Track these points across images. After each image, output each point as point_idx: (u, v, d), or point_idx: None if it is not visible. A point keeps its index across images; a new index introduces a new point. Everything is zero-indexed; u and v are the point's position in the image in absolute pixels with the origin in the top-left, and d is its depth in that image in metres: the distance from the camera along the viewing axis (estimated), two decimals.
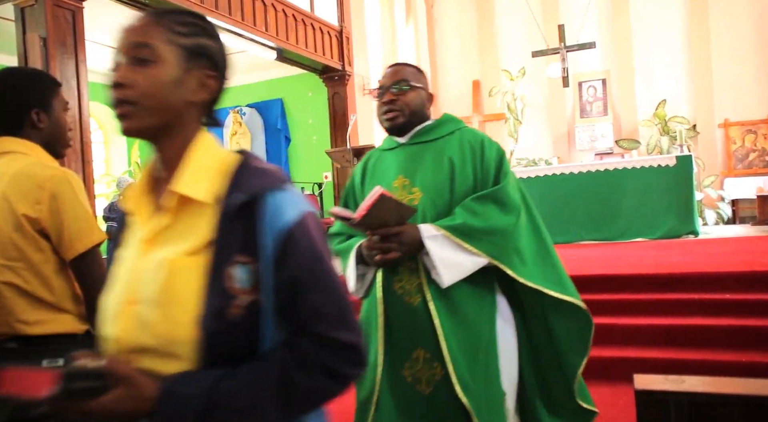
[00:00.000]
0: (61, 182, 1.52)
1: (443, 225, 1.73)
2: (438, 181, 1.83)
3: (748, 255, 5.19)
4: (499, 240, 1.75)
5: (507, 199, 1.80)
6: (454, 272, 1.71)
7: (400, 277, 1.80)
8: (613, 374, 3.67)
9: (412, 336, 1.77)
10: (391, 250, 1.70)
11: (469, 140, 1.89)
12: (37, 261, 1.50)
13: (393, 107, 1.90)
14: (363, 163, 2.04)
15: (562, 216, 8.17)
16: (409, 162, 1.89)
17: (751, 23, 10.60)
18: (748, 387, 1.18)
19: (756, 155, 10.59)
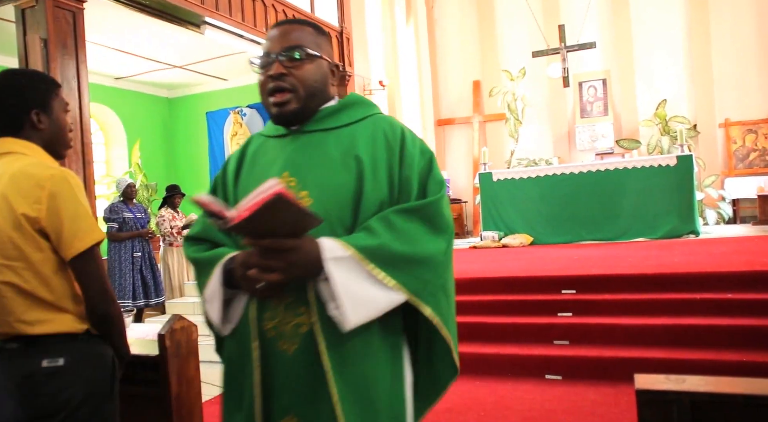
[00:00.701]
0: (61, 182, 1.52)
1: (356, 244, 1.23)
2: (337, 184, 1.31)
3: (750, 255, 5.19)
4: (426, 273, 1.29)
5: (440, 218, 1.34)
6: (363, 310, 1.22)
7: (272, 313, 1.28)
8: (615, 374, 3.67)
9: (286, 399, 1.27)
10: (273, 270, 1.20)
11: (385, 132, 1.38)
12: (37, 261, 1.50)
13: (282, 85, 1.34)
14: (242, 148, 1.53)
15: (562, 216, 8.18)
16: (299, 155, 1.36)
17: (751, 23, 10.60)
18: (750, 386, 1.18)
19: (757, 155, 10.58)
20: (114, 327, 1.62)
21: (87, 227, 1.54)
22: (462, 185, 12.55)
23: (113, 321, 1.61)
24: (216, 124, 10.44)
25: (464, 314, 4.66)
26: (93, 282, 1.55)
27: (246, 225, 1.17)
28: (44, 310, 1.51)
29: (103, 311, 1.57)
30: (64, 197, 1.51)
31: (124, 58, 8.57)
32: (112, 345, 1.63)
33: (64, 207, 1.50)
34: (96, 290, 1.56)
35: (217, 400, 3.93)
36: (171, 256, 6.69)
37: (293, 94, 1.35)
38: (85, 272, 1.55)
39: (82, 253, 1.52)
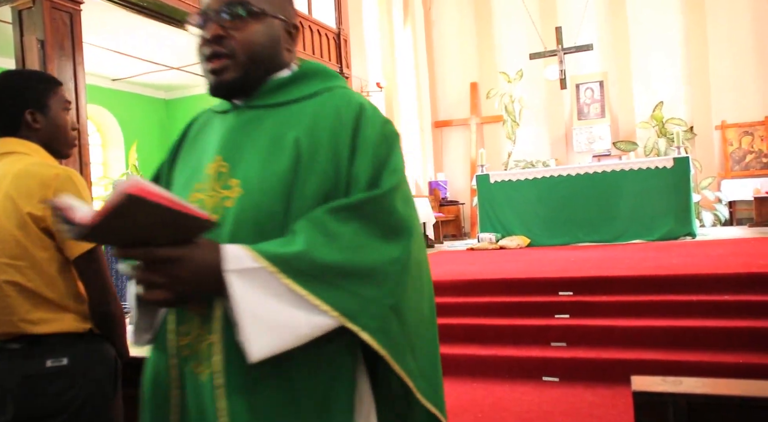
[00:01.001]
0: (66, 181, 1.53)
1: (270, 252, 0.96)
2: (269, 174, 1.05)
3: (746, 257, 5.20)
4: (367, 289, 0.99)
5: (390, 217, 1.04)
6: (272, 337, 0.93)
7: (187, 327, 1.04)
8: (612, 375, 3.68)
9: None
10: (156, 286, 0.93)
11: (338, 109, 1.10)
12: (41, 259, 1.51)
13: (218, 50, 1.11)
14: (186, 126, 1.32)
15: (560, 218, 8.19)
16: (236, 136, 1.12)
17: (748, 26, 10.63)
18: (746, 388, 1.19)
19: (753, 157, 10.61)
20: (116, 325, 1.63)
21: None
22: (459, 186, 12.56)
23: (115, 320, 1.62)
24: None
25: (461, 316, 4.66)
26: (96, 281, 1.56)
27: (100, 234, 0.92)
28: (48, 309, 1.52)
29: (105, 310, 1.58)
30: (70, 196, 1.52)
31: (122, 59, 8.56)
32: (114, 344, 1.64)
33: None
34: (99, 289, 1.57)
35: None
36: None
37: (232, 61, 1.10)
38: (88, 271, 1.56)
39: (86, 252, 1.53)
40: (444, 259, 7.25)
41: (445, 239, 11.09)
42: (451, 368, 4.13)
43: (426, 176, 12.22)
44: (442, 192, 11.93)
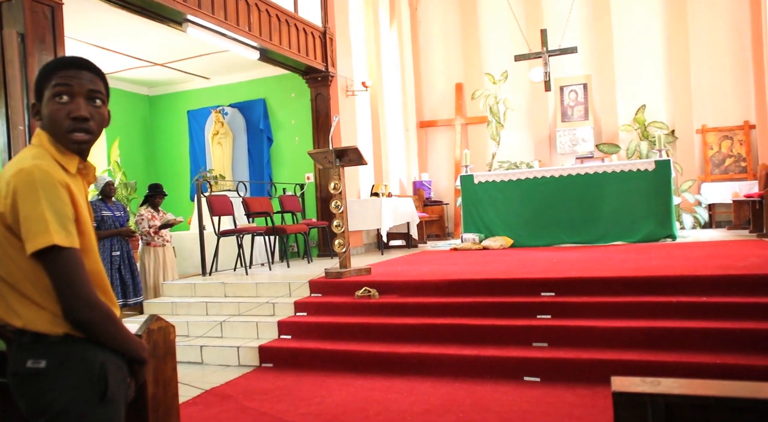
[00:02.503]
0: (25, 177, 1.45)
1: None
2: None
3: (724, 259, 5.27)
4: None
5: None
6: None
7: None
8: (593, 376, 3.71)
9: None
10: None
11: None
12: (14, 257, 1.48)
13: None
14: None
15: (543, 219, 8.25)
16: None
17: (728, 32, 10.79)
18: (723, 389, 1.20)
19: (732, 161, 10.76)
20: (97, 332, 1.51)
21: (41, 228, 1.42)
22: (443, 186, 12.60)
23: (93, 326, 1.49)
24: (197, 122, 10.37)
25: (443, 316, 4.68)
26: (61, 285, 1.45)
27: None
28: (27, 305, 1.47)
29: (77, 318, 1.47)
30: (23, 194, 1.44)
31: (104, 54, 8.47)
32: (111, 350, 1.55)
33: (21, 205, 1.44)
34: (67, 294, 1.45)
35: (195, 401, 3.90)
36: (148, 256, 6.62)
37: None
38: (51, 273, 1.45)
39: (39, 254, 1.43)
40: (427, 259, 7.26)
41: (428, 239, 11.12)
42: (433, 367, 4.15)
43: (410, 176, 12.24)
44: (426, 192, 11.95)
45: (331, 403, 3.66)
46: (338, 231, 5.84)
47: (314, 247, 9.10)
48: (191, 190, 10.18)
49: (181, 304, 5.84)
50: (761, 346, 3.64)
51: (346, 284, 5.39)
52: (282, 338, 4.96)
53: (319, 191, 9.04)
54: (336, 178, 5.80)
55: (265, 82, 9.86)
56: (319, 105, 8.96)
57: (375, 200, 8.63)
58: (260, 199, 7.73)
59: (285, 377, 4.34)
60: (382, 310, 4.93)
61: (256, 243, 7.68)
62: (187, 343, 5.07)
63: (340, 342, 4.67)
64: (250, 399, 3.85)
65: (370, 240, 9.81)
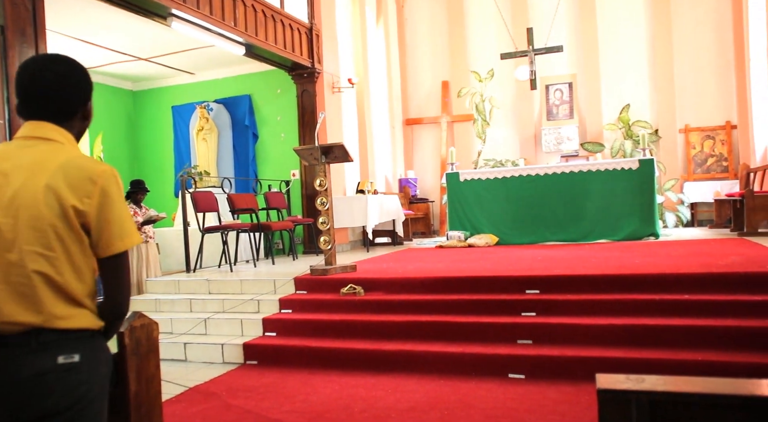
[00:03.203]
0: (111, 179, 1.54)
1: None
2: None
3: (706, 257, 5.33)
4: None
5: None
6: None
7: None
8: (577, 373, 3.73)
9: None
10: None
11: None
12: (74, 253, 1.50)
13: None
14: None
15: (528, 217, 8.29)
16: None
17: (711, 33, 10.90)
18: (707, 386, 1.21)
19: (714, 161, 10.89)
20: (119, 326, 1.69)
21: (131, 229, 1.57)
22: (429, 184, 12.61)
23: (121, 321, 1.67)
24: (182, 118, 10.28)
25: (428, 313, 4.68)
26: (119, 282, 1.59)
27: None
28: (70, 304, 1.50)
29: (120, 312, 1.61)
30: (114, 195, 1.54)
31: (87, 48, 8.36)
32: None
33: (112, 206, 1.53)
34: (120, 290, 1.59)
35: (178, 399, 3.87)
36: (131, 252, 6.56)
37: None
38: (116, 273, 1.57)
39: (118, 253, 1.55)
40: (413, 256, 7.27)
41: (414, 237, 11.13)
42: (418, 365, 4.15)
43: (396, 173, 12.24)
44: (412, 190, 11.95)
45: (315, 400, 3.64)
46: (324, 228, 5.82)
47: (299, 244, 9.07)
48: (175, 186, 10.09)
49: (164, 301, 5.79)
50: (743, 343, 3.68)
51: (332, 281, 5.38)
52: (267, 335, 4.94)
53: (305, 188, 9.01)
54: (322, 175, 5.78)
55: (251, 78, 9.80)
56: (305, 102, 8.92)
57: (361, 198, 8.62)
58: (245, 195, 7.69)
59: (270, 374, 4.32)
60: (368, 307, 4.92)
61: (240, 240, 7.64)
62: (170, 340, 5.03)
63: (326, 339, 4.66)
64: (235, 397, 3.82)
65: (355, 237, 9.80)
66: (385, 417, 3.27)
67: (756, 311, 3.93)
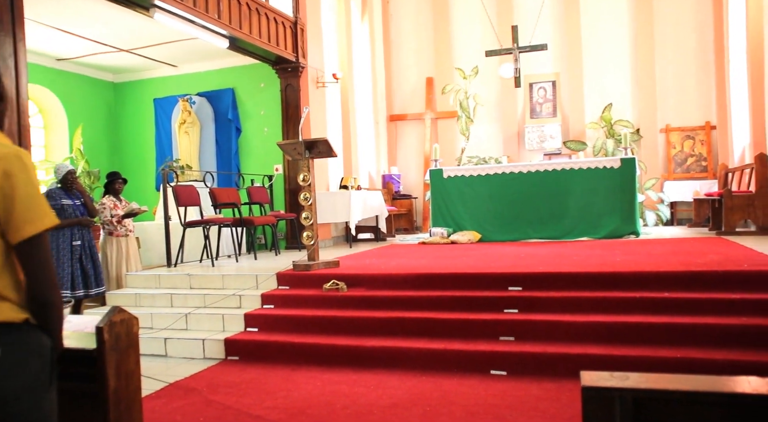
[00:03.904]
0: (15, 160, 1.44)
1: None
2: None
3: (685, 256, 5.40)
4: None
5: None
6: None
7: None
8: (558, 369, 3.76)
9: None
10: None
11: None
12: None
13: None
14: None
15: (510, 214, 8.33)
16: None
17: (692, 35, 11.03)
18: (689, 383, 1.22)
19: (693, 160, 11.03)
20: (54, 316, 1.55)
21: (41, 211, 1.47)
22: (412, 180, 12.62)
23: (54, 309, 1.54)
24: (164, 111, 10.16)
25: (411, 309, 4.68)
26: (39, 269, 1.48)
27: None
28: None
29: (45, 300, 1.51)
30: (19, 178, 1.43)
31: (67, 38, 8.22)
32: (50, 335, 1.55)
33: (18, 188, 1.43)
34: (41, 277, 1.48)
35: (158, 395, 3.83)
36: (110, 246, 6.46)
37: None
38: (33, 258, 1.47)
39: (32, 237, 1.45)
40: (396, 253, 7.27)
41: (397, 233, 11.13)
42: (400, 361, 4.15)
43: (380, 169, 12.22)
44: (395, 186, 11.95)
45: (297, 397, 3.63)
46: (307, 224, 5.80)
47: (282, 239, 9.03)
48: (157, 179, 9.98)
49: (145, 296, 5.73)
50: (721, 340, 3.73)
51: (315, 276, 5.36)
52: (248, 330, 4.91)
53: (288, 183, 8.96)
54: (305, 170, 5.75)
55: (234, 71, 9.71)
56: (289, 96, 8.86)
57: (344, 193, 8.59)
58: (228, 190, 7.63)
59: (251, 370, 4.29)
60: (350, 303, 4.91)
61: (222, 235, 7.58)
62: (150, 335, 4.97)
63: (308, 335, 4.64)
64: (215, 393, 3.79)
65: (338, 233, 9.77)
66: (367, 414, 3.27)
67: (733, 309, 3.99)
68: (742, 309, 3.97)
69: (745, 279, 4.25)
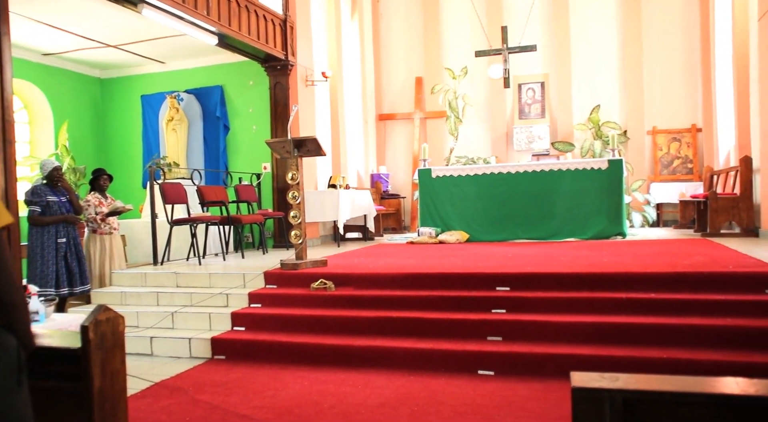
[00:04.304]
0: None
1: None
2: None
3: (672, 257, 5.44)
4: None
5: None
6: None
7: None
8: (546, 370, 3.77)
9: None
10: None
11: None
12: None
13: None
14: None
15: (498, 215, 8.35)
16: None
17: (679, 38, 11.12)
18: (679, 384, 1.22)
19: (679, 162, 11.12)
20: (17, 315, 1.52)
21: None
22: (401, 180, 12.62)
23: (16, 309, 1.51)
24: (151, 108, 10.08)
25: (399, 309, 4.68)
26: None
27: None
28: None
29: (6, 300, 1.47)
30: None
31: (54, 33, 8.13)
32: (16, 335, 1.52)
33: None
34: (1, 278, 1.45)
35: (144, 394, 3.80)
36: (94, 243, 6.39)
37: None
38: None
39: None
40: (384, 252, 7.26)
41: (385, 233, 11.12)
42: (388, 361, 4.15)
43: (368, 168, 12.21)
44: (383, 185, 11.94)
45: (284, 396, 3.61)
46: (295, 222, 5.77)
47: (269, 238, 8.99)
48: (144, 177, 9.90)
49: (131, 294, 5.68)
50: (707, 341, 3.76)
51: (302, 275, 5.34)
52: (235, 329, 4.88)
53: (276, 182, 8.92)
54: (294, 168, 5.72)
55: (223, 68, 9.66)
56: (278, 94, 8.82)
57: (332, 192, 8.57)
58: (215, 188, 7.58)
59: (238, 369, 4.26)
60: (338, 302, 4.90)
61: (210, 233, 7.53)
62: (136, 334, 4.93)
63: (295, 334, 4.62)
64: (202, 392, 3.77)
65: (326, 232, 9.75)
66: (355, 413, 3.26)
67: (719, 310, 4.03)
68: (728, 310, 4.01)
69: (731, 281, 4.29)
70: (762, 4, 7.05)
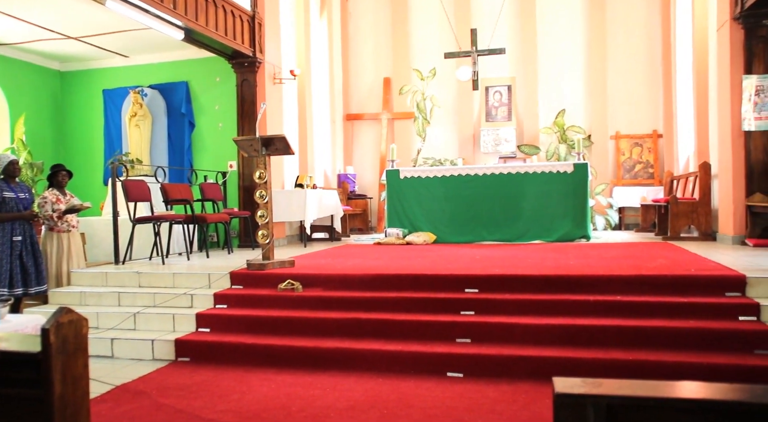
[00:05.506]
0: None
1: None
2: None
3: (635, 260, 5.54)
4: None
5: None
6: None
7: None
8: (514, 372, 3.79)
9: None
10: None
11: None
12: None
13: None
14: None
15: (465, 216, 8.40)
16: None
17: (642, 46, 11.37)
18: (663, 389, 1.22)
19: (641, 167, 11.37)
20: None
21: None
22: (368, 180, 12.58)
23: None
24: (113, 103, 9.82)
25: (368, 310, 4.64)
26: None
27: None
28: None
29: None
30: None
31: (9, 22, 7.83)
32: None
33: None
34: None
35: (104, 398, 3.67)
36: (51, 242, 6.17)
37: None
38: None
39: None
40: (351, 253, 7.21)
41: (351, 233, 11.07)
42: (357, 363, 4.11)
43: (335, 168, 12.14)
44: (350, 185, 11.89)
45: (251, 399, 3.54)
46: (262, 222, 5.68)
47: (235, 237, 8.84)
48: (105, 173, 9.63)
49: (91, 294, 5.50)
50: (671, 343, 3.84)
51: (269, 276, 5.26)
52: (200, 331, 4.77)
53: (242, 180, 8.78)
54: (261, 167, 5.63)
55: (189, 64, 9.46)
56: (245, 91, 8.69)
57: (300, 192, 8.48)
58: (180, 186, 7.41)
59: (203, 372, 4.17)
60: (306, 304, 4.84)
61: (174, 232, 7.36)
62: (96, 336, 4.77)
63: (262, 335, 4.54)
64: (165, 395, 3.66)
65: (293, 232, 9.64)
66: (323, 417, 3.21)
67: (681, 313, 4.11)
68: (690, 313, 4.10)
69: (693, 284, 4.39)
70: (721, 15, 7.25)
